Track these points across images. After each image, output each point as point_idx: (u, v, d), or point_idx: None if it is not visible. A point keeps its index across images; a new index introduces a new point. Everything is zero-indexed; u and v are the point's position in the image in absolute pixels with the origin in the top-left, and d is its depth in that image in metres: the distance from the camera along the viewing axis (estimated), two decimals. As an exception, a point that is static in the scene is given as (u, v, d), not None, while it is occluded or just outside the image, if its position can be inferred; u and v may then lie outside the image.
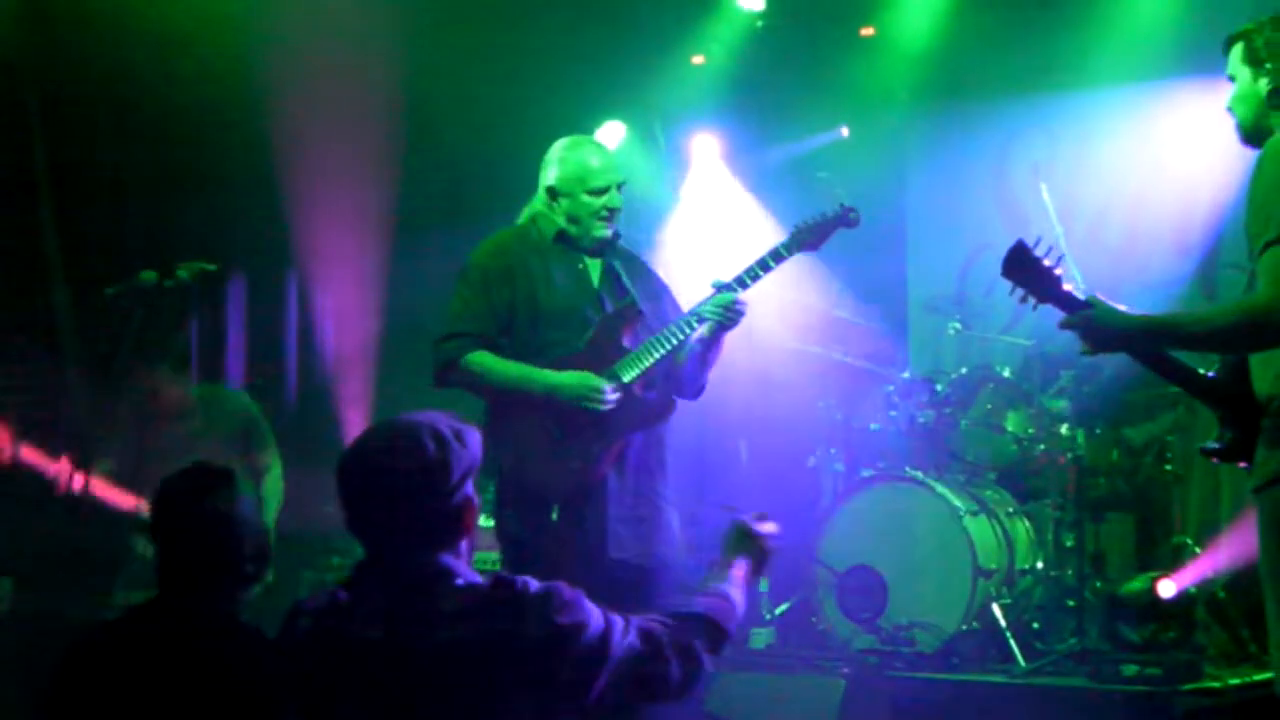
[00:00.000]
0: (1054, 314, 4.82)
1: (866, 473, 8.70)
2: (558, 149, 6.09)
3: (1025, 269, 4.76)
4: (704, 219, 10.54)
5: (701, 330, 5.86)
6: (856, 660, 7.75)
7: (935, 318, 9.36)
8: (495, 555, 8.30)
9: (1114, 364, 7.92)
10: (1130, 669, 7.18)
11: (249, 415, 7.66)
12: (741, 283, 5.85)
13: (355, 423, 9.00)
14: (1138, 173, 9.39)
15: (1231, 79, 4.85)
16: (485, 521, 8.47)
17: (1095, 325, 4.67)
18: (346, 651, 3.34)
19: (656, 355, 5.83)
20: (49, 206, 8.01)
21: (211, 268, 7.11)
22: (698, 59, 10.74)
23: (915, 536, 8.14)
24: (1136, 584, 7.72)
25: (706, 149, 10.76)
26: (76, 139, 8.25)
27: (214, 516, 4.03)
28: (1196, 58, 8.91)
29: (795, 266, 8.84)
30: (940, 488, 8.12)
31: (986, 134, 10.50)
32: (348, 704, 3.33)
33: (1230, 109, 4.86)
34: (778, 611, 8.71)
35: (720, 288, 5.85)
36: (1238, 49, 4.82)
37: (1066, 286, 4.74)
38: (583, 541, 5.69)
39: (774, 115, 10.77)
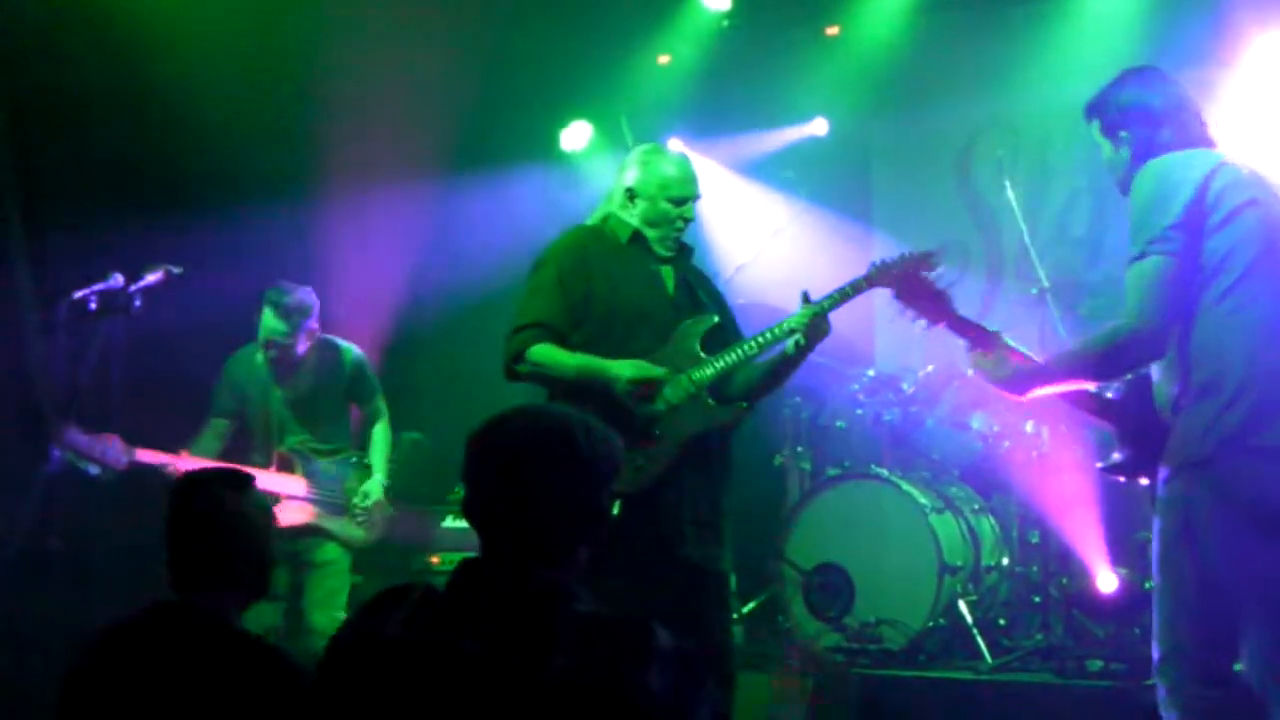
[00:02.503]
0: (1018, 312, 4.91)
1: (833, 471, 8.70)
2: (640, 153, 6.04)
3: (916, 294, 4.84)
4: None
5: (785, 345, 5.84)
6: (824, 658, 7.76)
7: (901, 315, 9.36)
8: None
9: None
10: (1096, 664, 7.23)
11: (358, 367, 7.81)
12: (821, 307, 5.82)
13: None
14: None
15: (1100, 147, 5.09)
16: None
17: (1019, 376, 4.86)
18: (438, 659, 3.02)
19: (731, 362, 5.78)
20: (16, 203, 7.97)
21: (177, 270, 7.10)
22: (664, 59, 10.75)
23: (881, 534, 8.16)
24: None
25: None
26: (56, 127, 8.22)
27: (222, 516, 4.05)
28: (1157, 51, 8.96)
29: (762, 264, 8.98)
30: (906, 485, 8.14)
31: (950, 131, 10.53)
32: (425, 714, 3.00)
33: (1109, 171, 5.09)
34: (744, 610, 8.72)
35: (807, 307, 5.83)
36: (1095, 125, 5.08)
37: (962, 312, 4.87)
38: (654, 539, 5.60)
39: (740, 114, 10.78)
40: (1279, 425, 4.57)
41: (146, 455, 7.07)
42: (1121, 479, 5.08)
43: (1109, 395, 5.00)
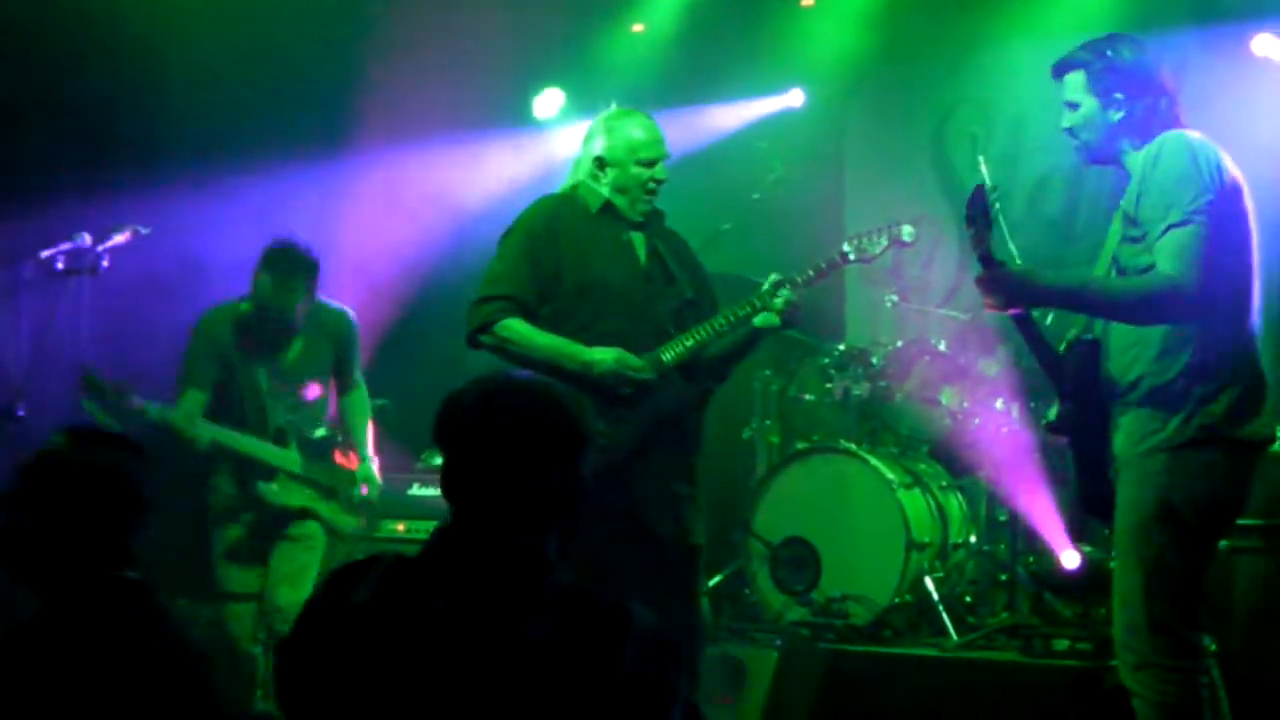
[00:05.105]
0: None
1: (801, 445, 8.69)
2: (604, 119, 5.98)
3: (981, 214, 4.82)
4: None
5: (754, 321, 5.80)
6: (789, 632, 7.75)
7: (872, 289, 9.33)
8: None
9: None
10: (1062, 643, 7.23)
11: (345, 334, 7.29)
12: (794, 283, 5.79)
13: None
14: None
15: (1072, 104, 5.01)
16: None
17: (1009, 282, 4.77)
18: (410, 624, 2.99)
19: (702, 340, 5.76)
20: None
21: (145, 230, 7.02)
22: (638, 27, 10.69)
23: (849, 509, 8.15)
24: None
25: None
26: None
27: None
28: (1135, 29, 8.94)
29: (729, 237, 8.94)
30: (874, 460, 8.13)
31: (925, 106, 10.52)
32: (400, 684, 2.97)
33: (1073, 132, 5.05)
34: (710, 583, 8.69)
35: (780, 284, 5.78)
36: (1077, 78, 4.99)
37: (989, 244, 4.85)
38: (625, 515, 5.58)
39: (715, 85, 10.73)
40: (1257, 419, 4.74)
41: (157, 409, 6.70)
42: (1062, 438, 5.08)
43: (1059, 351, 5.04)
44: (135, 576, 3.69)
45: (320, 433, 7.19)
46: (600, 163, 5.89)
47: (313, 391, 7.19)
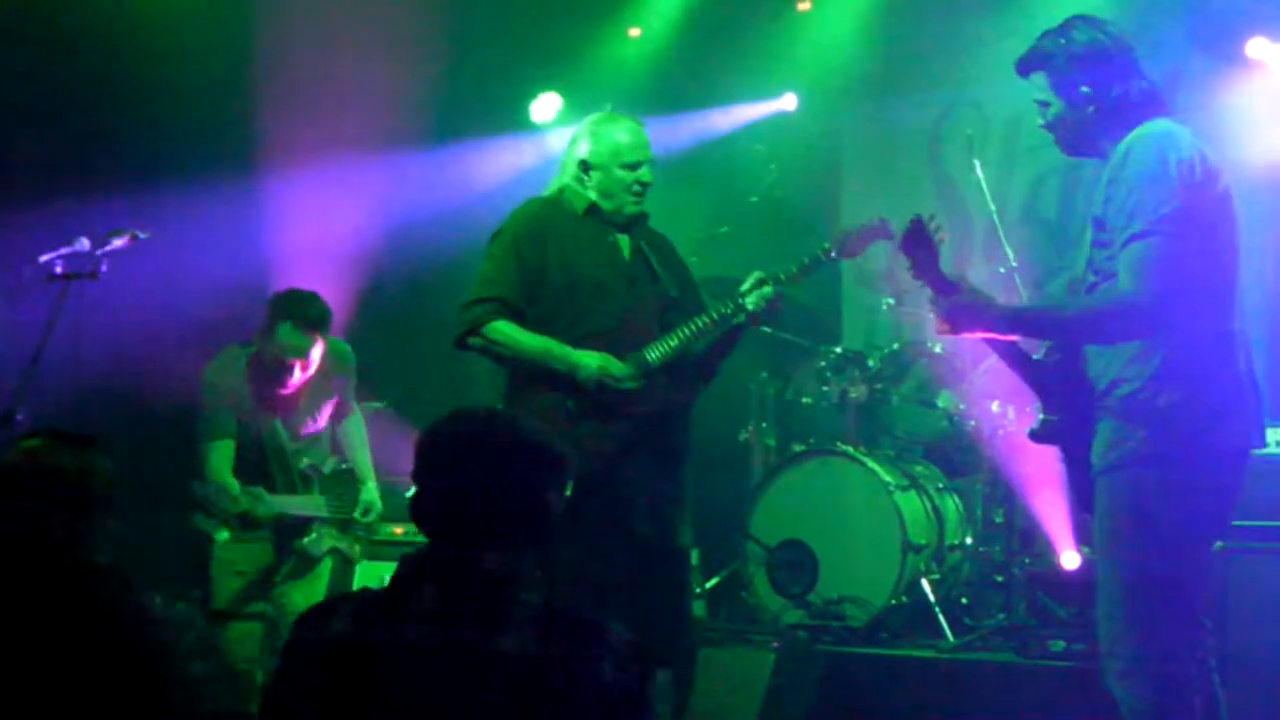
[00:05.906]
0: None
1: (798, 447, 8.70)
2: (589, 123, 6.01)
3: (919, 245, 4.81)
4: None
5: (737, 319, 5.83)
6: (786, 634, 7.76)
7: (868, 293, 9.36)
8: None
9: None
10: (1058, 644, 7.23)
11: (349, 366, 7.19)
12: (777, 280, 5.82)
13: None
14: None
15: (1043, 103, 4.89)
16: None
17: (961, 308, 4.74)
18: (393, 653, 3.05)
19: (686, 339, 5.78)
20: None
21: (144, 234, 7.01)
22: (635, 31, 10.70)
23: (846, 511, 8.16)
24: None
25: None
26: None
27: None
28: (1132, 27, 8.94)
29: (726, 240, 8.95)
30: (871, 463, 8.14)
31: (919, 108, 10.52)
32: (387, 710, 3.02)
33: (1050, 129, 4.93)
34: (708, 585, 8.72)
35: (762, 281, 5.82)
36: (1040, 79, 4.87)
37: (942, 268, 4.81)
38: (611, 517, 5.60)
39: (710, 88, 10.75)
40: (1238, 425, 4.63)
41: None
42: (1041, 443, 5.05)
43: (1036, 359, 4.98)
44: (105, 561, 3.82)
45: (330, 465, 7.15)
46: (585, 166, 5.93)
47: (319, 427, 7.15)
